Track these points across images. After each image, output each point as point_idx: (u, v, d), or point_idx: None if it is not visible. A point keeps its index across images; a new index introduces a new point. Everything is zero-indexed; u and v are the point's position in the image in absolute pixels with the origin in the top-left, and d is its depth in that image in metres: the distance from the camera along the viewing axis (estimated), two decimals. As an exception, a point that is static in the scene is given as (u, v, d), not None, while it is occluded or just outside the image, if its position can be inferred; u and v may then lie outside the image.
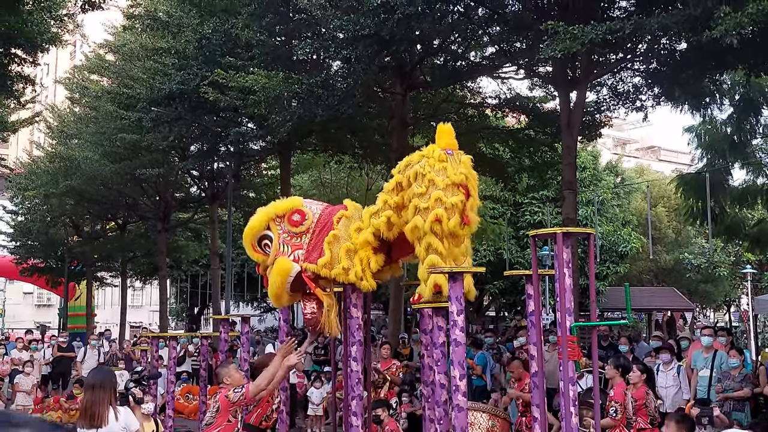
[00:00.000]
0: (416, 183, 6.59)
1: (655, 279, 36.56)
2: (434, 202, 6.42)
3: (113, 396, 5.56)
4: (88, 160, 23.25)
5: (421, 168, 6.58)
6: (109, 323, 39.75)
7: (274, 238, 7.23)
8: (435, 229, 6.44)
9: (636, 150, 73.55)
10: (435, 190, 6.44)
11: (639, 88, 16.02)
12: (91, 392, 5.39)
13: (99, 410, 5.30)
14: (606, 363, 10.18)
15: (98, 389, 5.39)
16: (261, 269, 7.38)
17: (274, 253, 7.17)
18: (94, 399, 5.31)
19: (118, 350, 20.68)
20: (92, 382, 5.48)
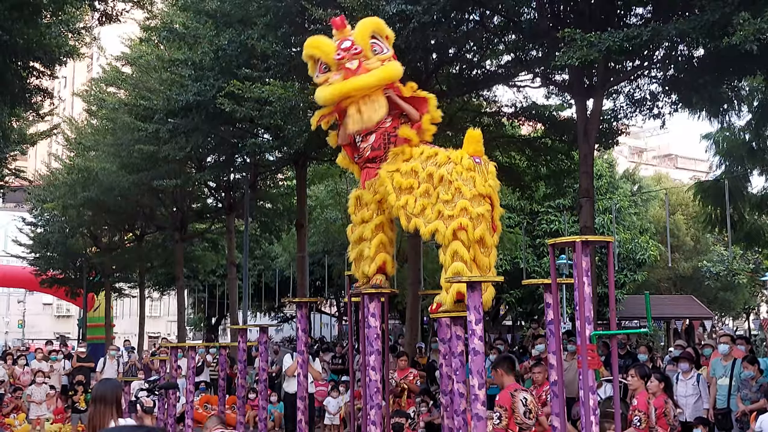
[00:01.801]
0: (442, 187, 6.78)
1: (674, 287, 36.32)
2: (459, 211, 6.62)
3: (117, 408, 5.51)
4: (106, 172, 23.38)
5: (449, 174, 6.78)
6: (127, 333, 39.91)
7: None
8: (461, 237, 6.58)
9: (653, 158, 73.21)
10: (461, 199, 6.64)
11: (656, 95, 15.93)
12: (94, 405, 5.40)
13: (101, 423, 5.28)
14: (624, 372, 10.11)
15: (99, 402, 5.37)
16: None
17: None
18: (96, 413, 5.30)
19: (137, 360, 20.73)
20: (95, 395, 5.48)
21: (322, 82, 7.31)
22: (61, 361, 19.49)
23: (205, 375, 18.31)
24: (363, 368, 7.46)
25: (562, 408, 6.60)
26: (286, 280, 31.51)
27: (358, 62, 7.13)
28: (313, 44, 7.46)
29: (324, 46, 7.34)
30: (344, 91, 7.07)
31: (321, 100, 7.35)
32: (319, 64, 7.37)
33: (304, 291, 19.85)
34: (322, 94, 7.27)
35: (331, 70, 7.23)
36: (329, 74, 7.25)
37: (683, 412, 10.81)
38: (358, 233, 7.42)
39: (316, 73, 7.46)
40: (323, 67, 7.33)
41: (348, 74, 7.08)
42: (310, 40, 7.58)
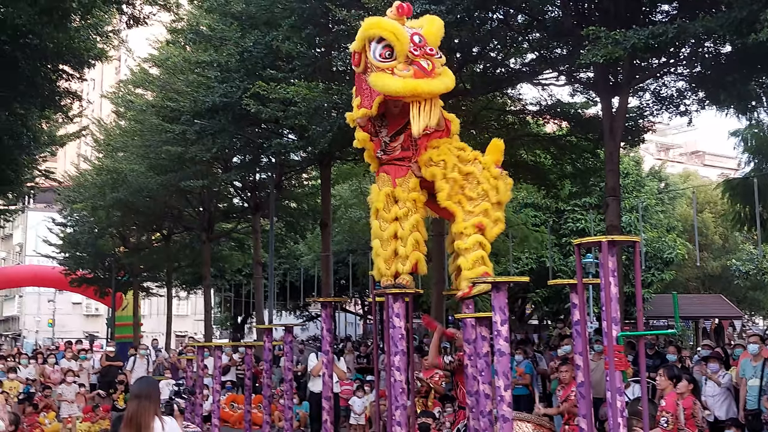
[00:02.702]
0: (469, 183, 7.07)
1: (702, 286, 35.98)
2: (482, 212, 6.98)
3: (158, 406, 5.52)
4: (134, 173, 23.63)
5: (480, 174, 7.11)
6: (155, 332, 40.26)
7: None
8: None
9: (680, 155, 72.49)
10: (485, 202, 7.01)
11: (683, 92, 15.79)
12: (138, 402, 5.31)
13: (145, 420, 5.23)
14: (653, 372, 10.04)
15: (144, 399, 5.32)
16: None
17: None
18: (140, 409, 5.24)
19: (165, 360, 20.92)
20: (138, 392, 5.41)
21: (383, 68, 6.94)
22: (90, 360, 19.72)
23: (232, 374, 18.43)
24: (388, 368, 7.47)
25: (588, 409, 6.57)
26: (311, 279, 31.61)
27: (431, 64, 6.96)
28: (388, 27, 6.99)
29: (401, 34, 6.93)
30: (419, 91, 6.84)
31: (389, 89, 6.91)
32: (383, 47, 6.96)
33: (329, 290, 19.91)
34: (393, 85, 6.85)
35: (398, 59, 6.91)
36: (395, 64, 6.91)
37: (712, 413, 10.71)
38: (391, 230, 7.28)
39: (374, 55, 6.99)
40: (388, 53, 6.95)
41: (420, 73, 6.87)
42: (382, 21, 7.12)
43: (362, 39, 7.11)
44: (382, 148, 7.42)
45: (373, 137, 7.45)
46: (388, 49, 6.93)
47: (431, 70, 6.90)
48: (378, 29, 6.99)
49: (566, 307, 27.58)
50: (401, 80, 6.81)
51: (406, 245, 7.17)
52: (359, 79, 7.39)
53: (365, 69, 7.19)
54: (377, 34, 6.98)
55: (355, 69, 7.42)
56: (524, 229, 24.79)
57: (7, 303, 65.29)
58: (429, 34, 7.11)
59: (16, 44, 14.87)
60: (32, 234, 52.16)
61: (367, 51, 7.07)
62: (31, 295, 56.68)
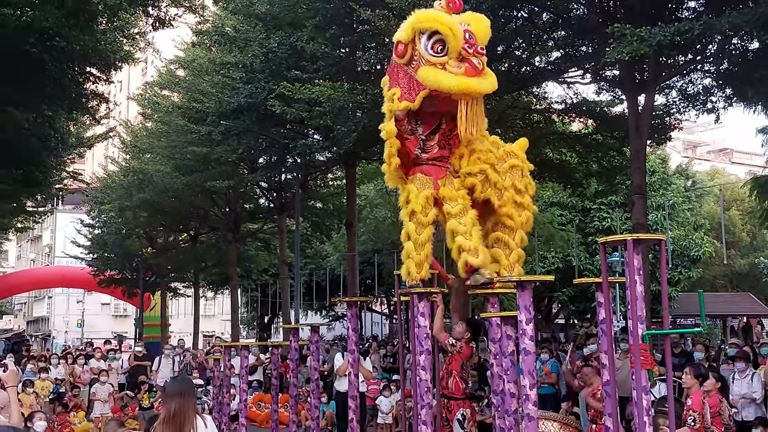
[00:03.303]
0: (515, 174, 7.45)
1: (730, 284, 35.60)
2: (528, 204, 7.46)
3: (196, 404, 5.47)
4: (161, 174, 23.84)
5: (523, 167, 7.53)
6: (182, 332, 40.59)
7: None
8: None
9: (707, 152, 71.77)
10: (527, 195, 7.47)
11: (710, 89, 15.65)
12: (180, 400, 5.21)
13: (188, 418, 5.17)
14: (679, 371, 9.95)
15: (187, 397, 5.26)
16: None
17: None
18: (183, 407, 5.17)
19: (192, 359, 21.09)
20: (179, 390, 5.32)
21: (434, 63, 6.76)
22: (119, 360, 19.93)
23: (259, 374, 18.53)
24: (413, 368, 7.49)
25: (614, 408, 6.54)
26: (336, 278, 31.71)
27: (482, 63, 6.82)
28: (445, 21, 6.79)
29: (457, 30, 6.74)
30: (471, 89, 6.70)
31: (442, 85, 6.71)
32: (436, 41, 6.78)
33: (355, 290, 19.96)
34: (446, 81, 6.68)
35: (449, 55, 6.74)
36: (447, 59, 6.74)
37: (739, 412, 10.62)
38: (427, 234, 7.14)
39: (425, 48, 6.81)
40: (440, 47, 6.76)
41: (472, 72, 6.71)
42: (438, 14, 6.93)
43: (412, 30, 6.92)
44: (420, 146, 7.28)
45: (409, 135, 7.27)
46: (440, 44, 6.76)
47: (481, 69, 6.77)
48: (434, 22, 6.80)
49: (592, 305, 27.35)
50: (454, 77, 6.66)
51: (472, 238, 6.99)
52: (399, 69, 7.16)
53: (410, 61, 7.01)
54: (431, 27, 6.79)
55: (396, 59, 7.17)
56: (550, 228, 24.69)
57: (36, 304, 66.15)
58: (478, 32, 6.94)
59: (43, 47, 15.07)
60: (61, 235, 52.83)
61: (417, 43, 6.89)
62: (61, 296, 57.40)
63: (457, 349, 7.63)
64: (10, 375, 5.79)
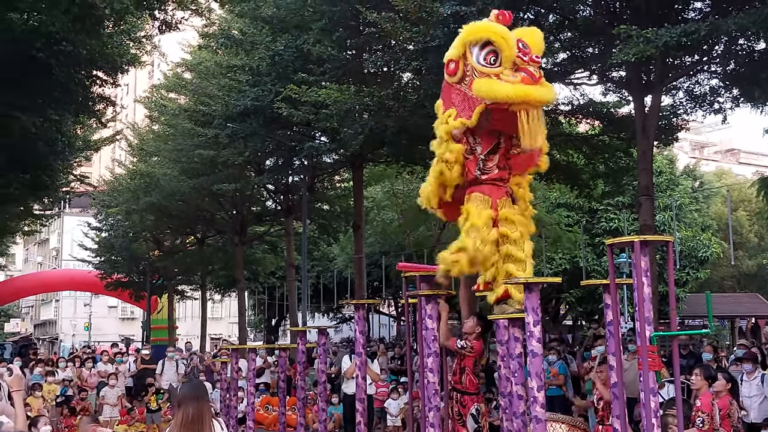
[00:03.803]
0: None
1: (738, 285, 35.50)
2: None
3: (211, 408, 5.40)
4: (167, 177, 23.89)
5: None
6: (189, 335, 40.70)
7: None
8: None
9: (715, 153, 71.61)
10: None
11: (716, 90, 15.58)
12: (197, 403, 5.11)
13: (207, 422, 5.08)
14: (687, 373, 9.93)
15: (203, 401, 5.18)
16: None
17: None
18: (200, 411, 5.07)
19: (199, 362, 21.10)
20: (195, 394, 5.23)
21: (488, 74, 6.52)
22: (126, 363, 19.96)
23: (266, 376, 18.55)
24: (421, 370, 7.49)
25: (622, 410, 6.54)
26: (344, 281, 31.68)
27: (539, 72, 6.56)
28: (496, 30, 6.57)
29: (509, 38, 6.52)
30: (530, 97, 6.40)
31: (498, 94, 6.44)
32: (488, 52, 6.56)
33: (362, 292, 19.96)
34: (502, 90, 6.41)
35: (503, 65, 6.51)
36: (501, 69, 6.50)
37: (748, 414, 10.58)
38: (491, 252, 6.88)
39: (477, 60, 6.60)
40: (493, 58, 6.54)
41: (529, 80, 6.43)
42: (488, 24, 6.74)
43: (462, 45, 6.74)
44: (479, 166, 7.01)
45: (468, 155, 7.02)
46: (492, 55, 6.56)
47: (539, 77, 6.50)
48: (485, 32, 6.62)
49: (600, 307, 27.25)
50: (510, 85, 6.38)
51: (526, 270, 6.83)
52: (452, 90, 6.98)
53: (462, 78, 6.80)
54: (483, 38, 6.60)
55: (447, 79, 6.98)
56: (557, 230, 24.65)
57: (44, 307, 66.34)
58: (531, 44, 6.71)
59: (50, 51, 15.11)
60: (68, 238, 53.07)
61: (469, 57, 6.67)
62: (68, 299, 57.55)
63: (468, 350, 7.59)
64: (15, 379, 5.79)
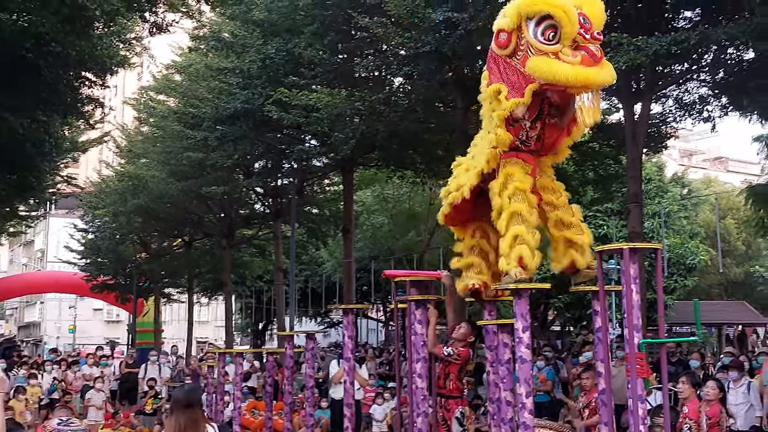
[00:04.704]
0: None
1: (725, 292, 35.63)
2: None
3: (203, 412, 5.27)
4: (155, 179, 23.77)
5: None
6: (176, 339, 40.49)
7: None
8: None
9: (703, 161, 71.97)
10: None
11: (705, 98, 15.68)
12: (192, 410, 4.96)
13: (200, 428, 4.95)
14: (674, 380, 9.95)
15: (196, 407, 5.04)
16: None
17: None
18: (194, 418, 4.93)
19: (185, 366, 21.00)
20: (188, 400, 5.07)
21: (546, 52, 5.97)
22: (111, 367, 19.83)
23: (253, 381, 18.47)
24: (409, 375, 7.47)
25: (610, 417, 6.54)
26: (332, 285, 31.62)
27: (600, 51, 6.04)
28: (554, 3, 5.95)
29: (570, 12, 5.90)
30: (590, 81, 5.94)
31: (558, 77, 5.90)
32: (546, 26, 5.97)
33: (351, 296, 19.92)
34: (563, 72, 5.87)
35: (563, 43, 5.94)
36: (560, 47, 5.93)
37: (735, 422, 10.61)
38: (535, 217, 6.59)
39: (534, 36, 6.01)
40: (551, 34, 5.94)
41: (589, 60, 5.92)
42: None
43: (518, 15, 6.10)
44: (521, 137, 6.48)
45: (512, 123, 6.42)
46: (551, 30, 5.96)
47: (600, 57, 6.01)
48: (545, 5, 5.96)
49: (589, 312, 27.33)
50: (570, 67, 5.86)
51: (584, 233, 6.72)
52: (502, 62, 6.32)
53: (514, 52, 6.20)
54: (542, 11, 5.97)
55: (497, 50, 6.32)
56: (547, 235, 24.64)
57: (28, 309, 65.84)
58: (592, 16, 6.10)
59: (39, 52, 15.00)
60: (54, 240, 52.66)
61: (524, 30, 6.06)
62: (53, 301, 57.05)
63: (454, 358, 7.55)
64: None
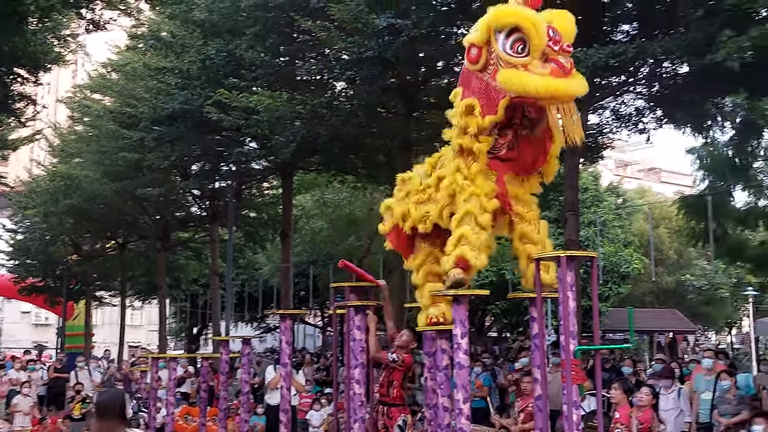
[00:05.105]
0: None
1: (657, 300, 36.43)
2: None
3: (123, 419, 4.94)
4: (89, 179, 23.30)
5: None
6: (107, 343, 39.53)
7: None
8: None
9: (637, 171, 73.64)
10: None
11: (641, 110, 16.03)
12: (101, 418, 4.80)
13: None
14: (607, 386, 10.11)
15: (107, 414, 4.80)
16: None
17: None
18: (103, 426, 4.74)
19: (117, 371, 20.55)
20: (100, 407, 4.95)
21: (515, 64, 5.95)
22: (39, 371, 19.28)
23: (187, 386, 18.17)
24: (347, 381, 7.42)
25: (545, 422, 6.58)
26: (269, 290, 31.31)
27: (570, 63, 6.07)
28: (526, 16, 5.96)
29: (538, 24, 5.92)
30: (560, 93, 5.97)
31: (528, 89, 5.91)
32: (515, 39, 5.97)
33: (288, 302, 19.78)
34: (532, 84, 5.87)
35: (532, 55, 5.94)
36: (529, 60, 5.93)
37: (666, 428, 10.83)
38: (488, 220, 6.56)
39: (503, 48, 5.99)
40: (520, 46, 5.95)
41: (559, 72, 5.92)
42: (517, 8, 6.09)
43: (488, 29, 6.12)
44: (491, 144, 6.55)
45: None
46: (520, 43, 5.98)
47: (569, 68, 6.03)
48: (514, 17, 5.98)
49: (525, 319, 27.64)
50: (540, 78, 5.86)
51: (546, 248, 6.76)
52: (473, 77, 6.37)
53: (485, 66, 6.20)
54: (510, 24, 5.98)
55: (468, 66, 6.38)
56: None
57: (-47, 311, 63.70)
58: (562, 29, 6.19)
59: (-31, 47, 14.56)
60: (-21, 240, 51.02)
61: (494, 44, 6.08)
62: (-22, 303, 55.34)
63: (399, 364, 7.54)
64: None
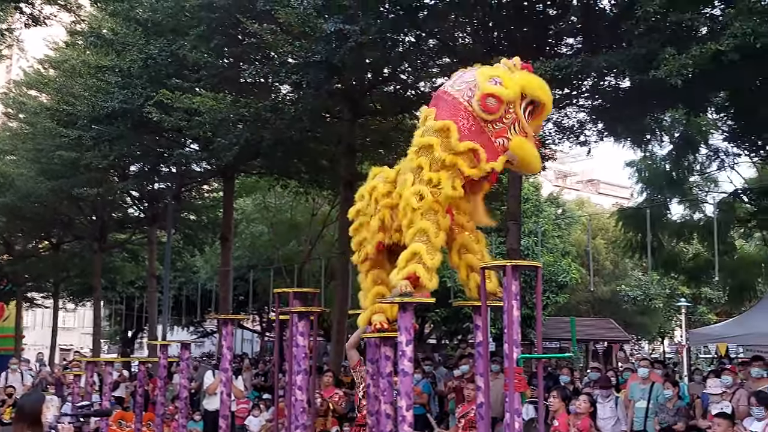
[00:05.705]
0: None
1: (593, 310, 37.06)
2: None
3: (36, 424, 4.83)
4: (23, 177, 22.78)
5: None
6: (38, 345, 38.53)
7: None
8: None
9: (577, 182, 74.83)
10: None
11: (583, 123, 16.28)
12: (17, 423, 4.82)
13: None
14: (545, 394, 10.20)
15: (18, 418, 4.84)
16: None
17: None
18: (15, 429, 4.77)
19: (49, 375, 19.96)
20: (16, 410, 4.95)
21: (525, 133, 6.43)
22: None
23: (121, 390, 17.75)
24: (289, 387, 7.33)
25: (487, 430, 6.60)
26: (207, 293, 30.94)
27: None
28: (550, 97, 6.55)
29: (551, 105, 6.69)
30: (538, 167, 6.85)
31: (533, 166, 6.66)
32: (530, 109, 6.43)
33: (228, 306, 19.54)
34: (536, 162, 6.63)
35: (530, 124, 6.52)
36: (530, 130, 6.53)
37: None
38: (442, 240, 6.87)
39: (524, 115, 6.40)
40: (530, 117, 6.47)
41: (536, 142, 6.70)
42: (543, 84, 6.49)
43: (519, 92, 6.29)
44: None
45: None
46: (531, 115, 6.45)
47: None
48: (545, 96, 6.42)
49: (464, 326, 27.86)
50: (537, 157, 6.60)
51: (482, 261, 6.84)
52: (472, 120, 6.35)
53: (499, 119, 6.32)
54: (539, 98, 6.41)
55: (479, 112, 6.29)
56: (425, 250, 24.90)
57: None
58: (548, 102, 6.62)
59: None
60: None
61: (518, 108, 6.34)
62: None
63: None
64: None
